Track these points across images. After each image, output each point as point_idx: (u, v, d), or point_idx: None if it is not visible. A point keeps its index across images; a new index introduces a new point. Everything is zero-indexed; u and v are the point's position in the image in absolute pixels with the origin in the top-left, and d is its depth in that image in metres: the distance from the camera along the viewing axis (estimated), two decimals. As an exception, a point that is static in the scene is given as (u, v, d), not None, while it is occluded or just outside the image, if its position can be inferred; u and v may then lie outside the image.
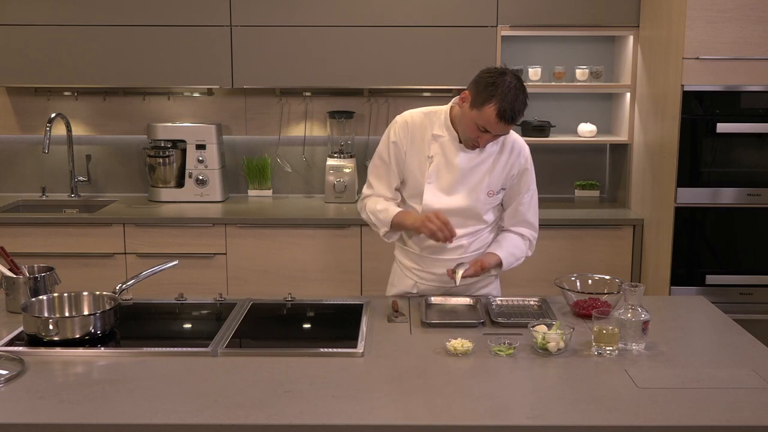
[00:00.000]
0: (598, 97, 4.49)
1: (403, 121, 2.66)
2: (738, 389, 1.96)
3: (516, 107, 2.43)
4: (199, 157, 4.31)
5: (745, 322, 2.59)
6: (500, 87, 2.42)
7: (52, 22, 4.07)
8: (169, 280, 3.55)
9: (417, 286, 2.77)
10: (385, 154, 2.67)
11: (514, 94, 2.43)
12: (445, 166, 2.61)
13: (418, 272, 2.75)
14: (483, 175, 2.63)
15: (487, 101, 2.43)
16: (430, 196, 2.62)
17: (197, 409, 1.83)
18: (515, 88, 2.44)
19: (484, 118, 2.44)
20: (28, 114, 4.51)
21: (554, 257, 3.98)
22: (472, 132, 2.51)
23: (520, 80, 2.48)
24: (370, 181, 2.73)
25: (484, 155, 2.62)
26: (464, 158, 2.61)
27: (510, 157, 2.65)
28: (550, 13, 4.05)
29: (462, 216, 2.63)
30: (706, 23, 3.47)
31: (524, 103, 2.47)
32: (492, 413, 1.83)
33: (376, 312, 2.53)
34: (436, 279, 2.72)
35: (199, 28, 4.08)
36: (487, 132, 2.48)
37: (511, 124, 2.46)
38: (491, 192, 2.64)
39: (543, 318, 2.41)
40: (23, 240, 3.94)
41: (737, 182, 3.65)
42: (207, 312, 2.61)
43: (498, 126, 2.45)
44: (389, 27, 4.06)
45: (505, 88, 2.42)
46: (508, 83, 2.43)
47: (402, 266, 2.81)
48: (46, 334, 2.20)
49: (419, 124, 2.64)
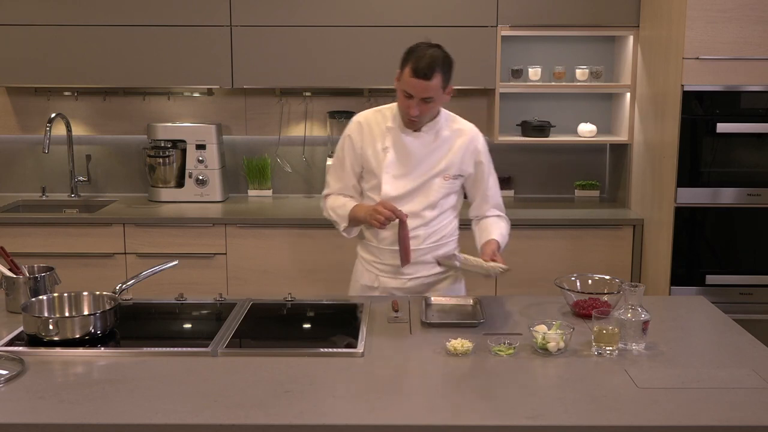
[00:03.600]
0: (598, 97, 4.49)
1: (357, 119, 2.81)
2: (738, 389, 1.96)
3: (427, 62, 2.52)
4: (199, 157, 4.31)
5: (745, 322, 2.59)
6: (415, 51, 2.57)
7: (52, 22, 4.07)
8: (169, 280, 3.55)
9: (378, 279, 2.80)
10: (341, 152, 2.79)
11: (426, 53, 2.54)
12: (400, 154, 2.70)
13: (378, 264, 2.79)
14: (438, 159, 2.71)
15: (405, 63, 2.57)
16: (387, 184, 2.70)
17: (197, 409, 1.83)
18: (428, 49, 2.57)
19: (404, 79, 2.57)
20: (28, 114, 4.51)
21: (554, 257, 3.98)
22: (402, 102, 2.62)
23: (439, 46, 2.60)
24: (328, 181, 2.85)
25: (439, 141, 2.72)
26: (418, 145, 2.70)
27: (465, 144, 2.74)
28: (550, 13, 4.05)
29: (418, 202, 2.70)
30: (706, 23, 3.47)
31: (436, 58, 2.55)
32: (492, 413, 1.83)
33: (376, 312, 2.53)
34: (394, 271, 2.76)
35: (199, 28, 4.08)
36: (410, 96, 2.57)
37: (425, 79, 2.53)
38: (447, 176, 2.72)
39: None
40: (23, 240, 3.94)
41: (737, 182, 3.65)
42: (207, 312, 2.61)
43: (415, 84, 2.54)
44: (389, 27, 4.06)
45: (418, 50, 2.56)
46: (423, 47, 2.58)
47: (363, 260, 2.86)
48: (46, 334, 2.20)
49: (372, 119, 2.77)
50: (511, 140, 4.28)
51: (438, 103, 2.64)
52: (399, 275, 2.76)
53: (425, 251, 2.75)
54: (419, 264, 2.75)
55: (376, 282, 2.81)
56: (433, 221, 2.74)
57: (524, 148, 4.54)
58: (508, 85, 4.19)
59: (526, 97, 4.45)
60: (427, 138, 2.71)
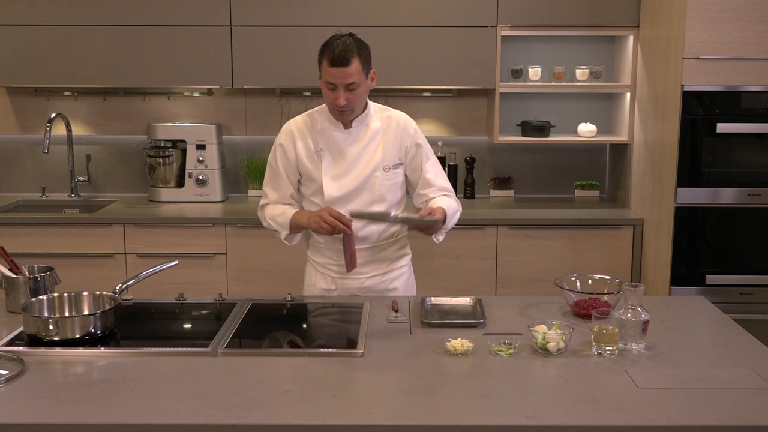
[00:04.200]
0: (598, 97, 4.49)
1: (287, 127, 2.77)
2: (738, 389, 1.96)
3: (345, 49, 2.53)
4: (199, 157, 4.31)
5: (745, 322, 2.59)
6: (329, 43, 2.58)
7: (52, 22, 4.07)
8: (169, 280, 3.55)
9: (335, 281, 2.78)
10: (274, 162, 2.77)
11: (342, 42, 2.55)
12: (336, 153, 2.70)
13: (333, 267, 2.77)
14: (374, 152, 2.71)
15: (322, 57, 2.58)
16: (329, 186, 2.68)
17: (197, 409, 1.83)
18: (345, 38, 2.57)
19: (324, 72, 2.57)
20: (28, 114, 4.51)
21: (554, 257, 3.98)
22: (328, 97, 2.62)
23: (351, 35, 2.60)
24: (264, 191, 2.81)
25: (371, 134, 2.71)
26: (352, 141, 2.70)
27: (397, 131, 2.73)
28: (550, 13, 4.05)
29: (363, 198, 2.69)
30: (706, 23, 3.47)
31: (349, 44, 2.56)
32: (492, 413, 1.83)
33: (376, 312, 2.52)
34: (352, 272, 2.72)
35: (199, 28, 4.08)
36: (334, 87, 2.57)
37: (343, 65, 2.53)
38: (387, 167, 2.71)
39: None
40: (23, 240, 3.94)
41: (737, 182, 3.65)
42: (207, 312, 2.61)
43: (335, 73, 2.54)
44: (389, 27, 4.06)
45: (331, 42, 2.57)
46: (335, 37, 2.58)
47: (316, 264, 2.83)
48: (46, 334, 2.20)
49: (303, 124, 2.75)
50: (511, 140, 4.28)
51: (363, 89, 2.61)
52: (356, 275, 2.74)
53: (379, 249, 2.75)
54: (376, 262, 2.74)
55: (333, 284, 2.78)
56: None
57: (524, 148, 4.54)
58: (508, 85, 4.20)
59: (526, 97, 4.45)
60: (359, 132, 2.70)
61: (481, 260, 3.98)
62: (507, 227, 3.98)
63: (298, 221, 2.68)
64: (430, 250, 3.92)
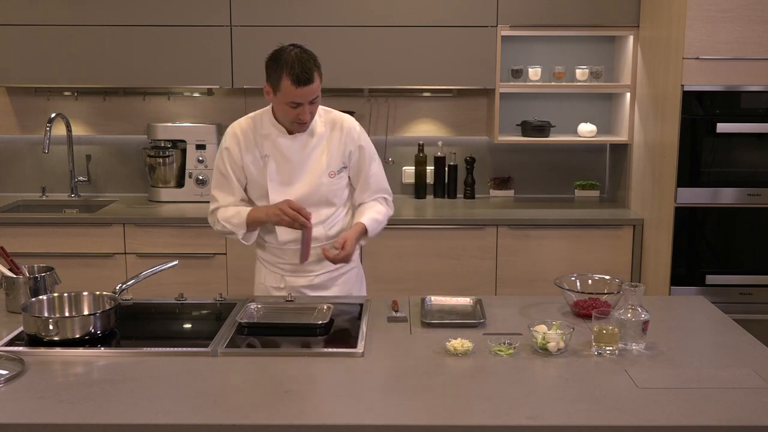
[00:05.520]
0: (598, 97, 4.49)
1: (232, 130, 2.75)
2: (738, 389, 1.96)
3: (305, 67, 2.51)
4: (199, 157, 4.31)
5: (745, 322, 2.59)
6: (283, 58, 2.53)
7: (52, 22, 4.07)
8: (169, 280, 3.55)
9: (284, 279, 2.78)
10: (222, 165, 2.74)
11: (297, 58, 2.52)
12: (282, 160, 2.69)
13: (282, 265, 2.78)
14: (319, 158, 2.70)
15: (279, 78, 2.53)
16: (275, 193, 2.68)
17: (197, 409, 1.83)
18: (297, 53, 2.53)
19: (286, 93, 2.53)
20: (28, 114, 4.51)
21: (554, 257, 3.98)
22: (289, 114, 2.60)
23: (300, 47, 2.57)
24: (214, 195, 2.78)
25: (315, 139, 2.70)
26: (297, 148, 2.69)
27: (342, 135, 2.73)
28: (550, 13, 4.05)
29: (311, 203, 2.68)
30: (706, 23, 3.47)
31: (306, 60, 2.53)
32: (492, 413, 1.83)
33: (376, 312, 2.52)
34: (299, 269, 2.75)
35: (199, 28, 4.08)
36: (299, 104, 2.55)
37: (308, 84, 2.52)
38: (332, 173, 2.72)
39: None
40: (23, 240, 3.94)
41: (737, 182, 3.65)
42: (207, 312, 2.61)
43: (301, 92, 2.52)
44: (389, 27, 4.06)
45: (287, 57, 2.52)
46: (288, 51, 2.54)
47: (265, 263, 2.84)
48: (46, 334, 2.20)
49: (247, 127, 2.73)
50: (511, 140, 4.28)
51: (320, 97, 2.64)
52: (305, 273, 2.76)
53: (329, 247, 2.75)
54: (325, 260, 2.72)
55: (282, 282, 2.79)
56: (330, 217, 2.75)
57: (524, 148, 4.54)
58: (508, 85, 4.19)
59: (526, 97, 4.45)
60: (305, 138, 2.69)
61: (481, 260, 3.98)
62: (507, 227, 3.98)
63: (255, 217, 2.68)
64: (430, 251, 3.92)
